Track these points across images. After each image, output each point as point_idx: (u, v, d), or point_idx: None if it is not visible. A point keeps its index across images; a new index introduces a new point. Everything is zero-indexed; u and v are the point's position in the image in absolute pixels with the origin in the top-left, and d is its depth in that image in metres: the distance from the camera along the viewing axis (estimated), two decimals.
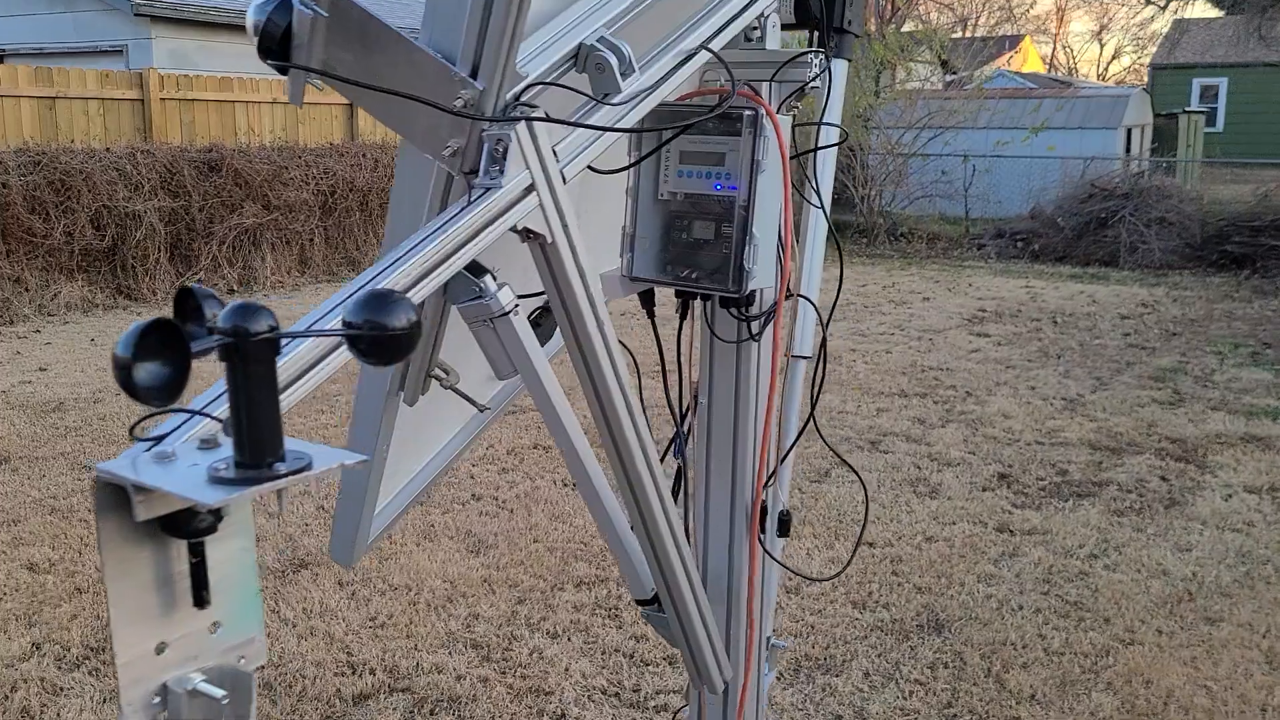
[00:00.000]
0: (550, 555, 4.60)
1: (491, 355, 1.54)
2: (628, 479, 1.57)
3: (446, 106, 1.25)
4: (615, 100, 1.42)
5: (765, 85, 1.71)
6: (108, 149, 10.39)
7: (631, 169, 1.68)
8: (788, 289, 1.78)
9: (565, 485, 5.48)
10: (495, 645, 3.84)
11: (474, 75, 1.24)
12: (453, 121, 1.29)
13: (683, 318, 1.83)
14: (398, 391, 1.70)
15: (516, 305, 1.46)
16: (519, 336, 1.46)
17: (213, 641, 0.97)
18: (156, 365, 0.76)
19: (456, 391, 1.72)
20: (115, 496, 0.87)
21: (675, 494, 1.94)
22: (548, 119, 1.30)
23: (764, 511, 1.85)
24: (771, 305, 1.75)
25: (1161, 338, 9.51)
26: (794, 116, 1.75)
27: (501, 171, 1.27)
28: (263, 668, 3.60)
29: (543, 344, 1.92)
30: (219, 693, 0.95)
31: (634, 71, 1.44)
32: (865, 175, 17.23)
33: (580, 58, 1.42)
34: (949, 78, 24.06)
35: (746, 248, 1.61)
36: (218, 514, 0.92)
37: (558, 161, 1.34)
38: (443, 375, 1.71)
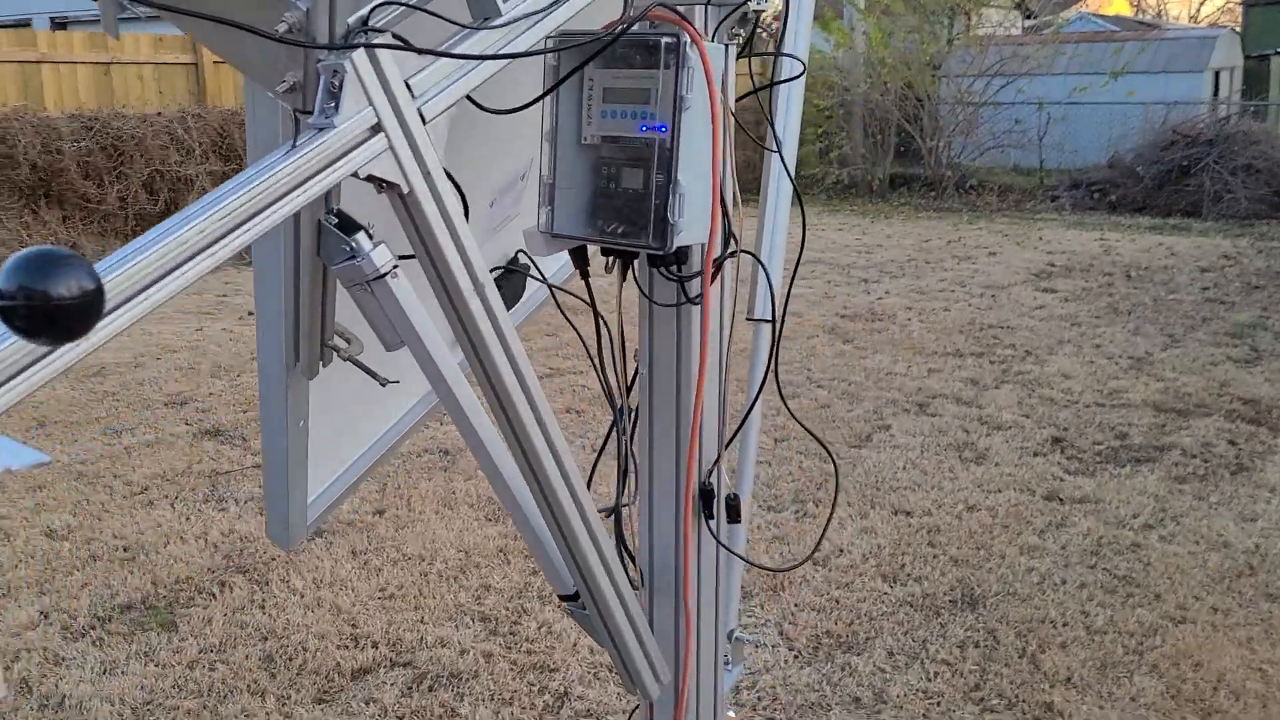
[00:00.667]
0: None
1: (375, 323, 1.36)
2: (530, 466, 1.38)
3: (266, 32, 1.06)
4: (496, 23, 1.22)
5: (699, 9, 1.48)
6: (159, 113, 10.43)
7: (547, 110, 1.48)
8: (732, 245, 1.56)
9: (594, 451, 5.32)
10: (503, 619, 3.71)
11: None
12: (287, 51, 1.10)
13: (621, 278, 1.62)
14: (294, 364, 1.53)
15: (396, 266, 1.28)
16: (398, 302, 1.28)
17: None
18: None
19: (357, 364, 1.54)
20: None
21: (622, 476, 1.75)
22: (396, 45, 1.11)
23: (712, 495, 1.65)
24: (723, 257, 1.54)
25: (1242, 291, 8.99)
26: (737, 46, 1.53)
27: (336, 109, 1.08)
28: (265, 639, 3.52)
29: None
30: None
31: None
32: (934, 126, 16.66)
33: None
34: (1027, 22, 23.15)
35: (672, 197, 1.40)
36: None
37: (414, 97, 1.14)
38: (342, 345, 1.54)
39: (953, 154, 16.76)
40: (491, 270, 1.56)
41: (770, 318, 1.76)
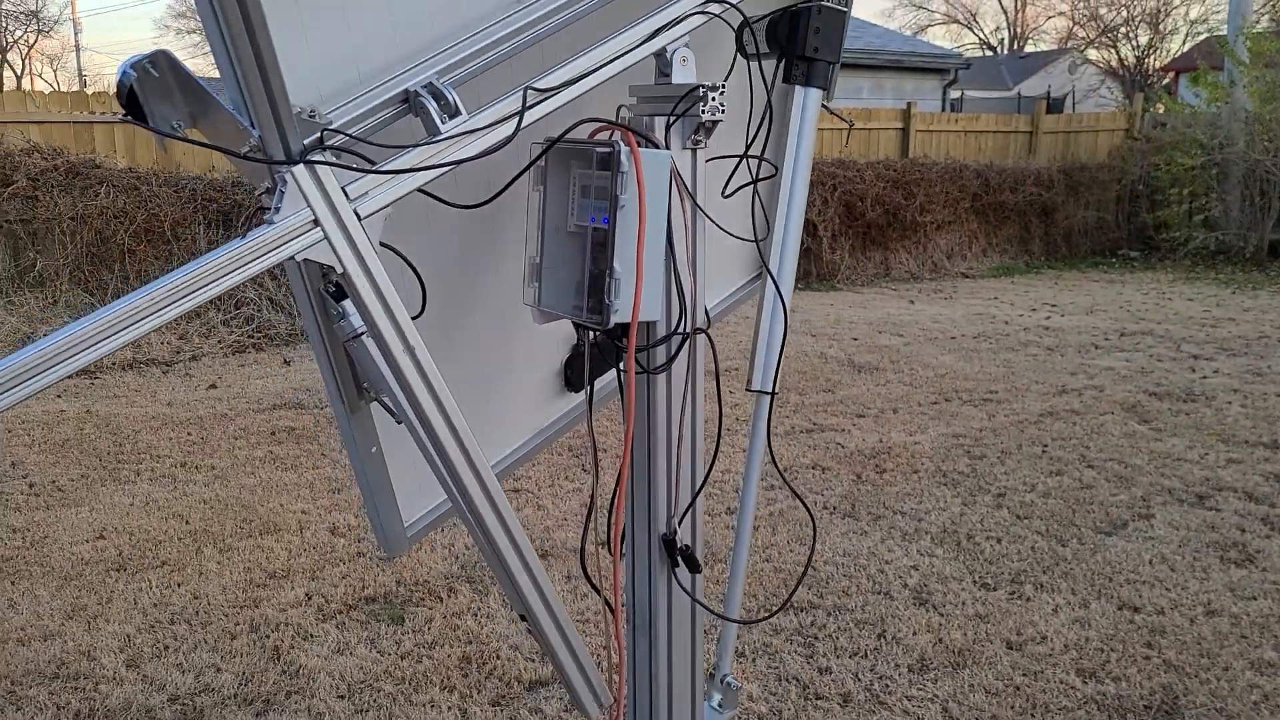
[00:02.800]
0: (774, 575, 4.59)
1: (365, 373, 1.69)
2: (468, 506, 1.64)
3: (234, 151, 1.43)
4: (438, 139, 1.52)
5: (659, 119, 1.69)
6: None
7: (533, 202, 1.75)
8: (687, 326, 1.75)
9: (826, 508, 5.40)
10: None
11: (252, 124, 1.41)
12: (256, 166, 1.47)
13: (631, 354, 1.84)
14: (340, 405, 1.90)
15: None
16: (372, 358, 1.61)
17: None
18: None
19: (380, 403, 1.88)
20: None
21: (588, 519, 1.96)
22: (327, 162, 1.44)
23: (676, 545, 1.83)
24: (664, 338, 1.73)
25: None
26: (696, 150, 1.72)
27: (278, 209, 1.42)
28: (469, 643, 3.98)
29: (577, 389, 2.04)
30: None
31: (460, 114, 1.53)
32: None
33: (411, 102, 1.54)
34: None
35: (609, 281, 1.62)
36: None
37: (349, 200, 1.47)
38: (370, 390, 1.88)
39: None
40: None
41: (769, 389, 1.90)
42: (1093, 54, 44.68)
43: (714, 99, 1.67)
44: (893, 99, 19.35)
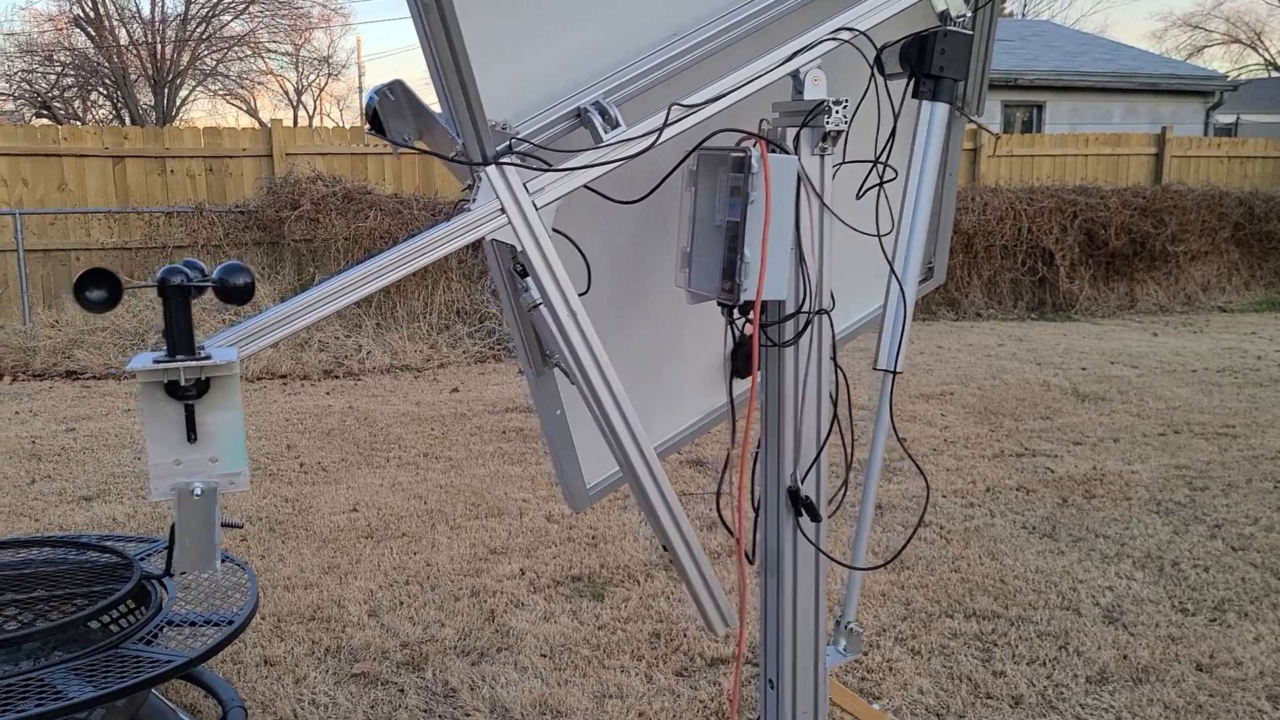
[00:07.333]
0: (961, 585, 4.68)
1: (542, 337, 2.08)
2: (621, 450, 1.99)
3: (445, 155, 1.85)
4: (601, 145, 1.89)
5: (790, 130, 1.99)
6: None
7: (685, 199, 2.09)
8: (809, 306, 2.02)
9: (1025, 528, 5.41)
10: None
11: (457, 134, 1.83)
12: (460, 167, 1.88)
13: (755, 325, 2.14)
14: (529, 368, 2.30)
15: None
16: (547, 324, 1.99)
17: (211, 468, 1.69)
18: (99, 291, 1.51)
19: (561, 369, 2.26)
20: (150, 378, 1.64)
21: (724, 470, 2.24)
22: (512, 163, 1.83)
23: (800, 497, 2.09)
24: (789, 315, 2.02)
25: None
26: (824, 156, 2.00)
27: (474, 200, 1.83)
28: (660, 621, 4.35)
29: (742, 375, 2.39)
30: (200, 489, 1.67)
31: (619, 125, 1.89)
32: None
33: (581, 116, 1.92)
34: None
35: (739, 264, 1.93)
36: (200, 388, 1.64)
37: (528, 193, 1.85)
38: (550, 357, 2.26)
39: None
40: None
41: (892, 369, 2.14)
42: None
43: (838, 112, 1.95)
44: (1148, 123, 18.41)
